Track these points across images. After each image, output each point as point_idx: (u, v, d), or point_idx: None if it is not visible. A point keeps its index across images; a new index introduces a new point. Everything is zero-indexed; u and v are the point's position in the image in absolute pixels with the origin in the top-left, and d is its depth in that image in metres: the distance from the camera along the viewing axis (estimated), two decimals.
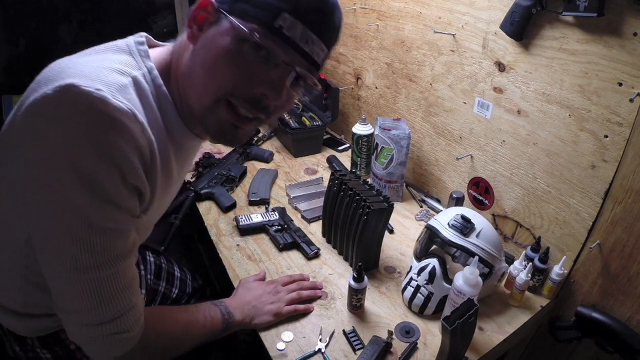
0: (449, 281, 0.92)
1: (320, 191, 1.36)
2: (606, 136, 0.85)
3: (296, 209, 1.31)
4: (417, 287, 0.94)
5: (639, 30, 0.75)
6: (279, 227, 1.19)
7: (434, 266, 0.94)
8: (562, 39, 0.88)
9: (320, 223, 1.22)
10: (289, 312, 0.92)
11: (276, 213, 1.24)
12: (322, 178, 1.47)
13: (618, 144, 0.83)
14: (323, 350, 0.86)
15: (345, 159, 1.59)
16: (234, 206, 1.31)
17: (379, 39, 1.44)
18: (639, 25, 0.75)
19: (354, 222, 1.04)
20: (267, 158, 1.58)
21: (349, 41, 1.61)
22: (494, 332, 0.92)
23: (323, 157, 1.62)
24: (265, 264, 1.09)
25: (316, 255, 1.13)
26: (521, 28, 0.92)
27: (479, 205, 1.21)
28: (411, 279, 0.96)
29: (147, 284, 1.07)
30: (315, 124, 1.66)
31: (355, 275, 0.91)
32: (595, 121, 0.86)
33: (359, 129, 1.43)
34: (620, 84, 0.80)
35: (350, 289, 0.92)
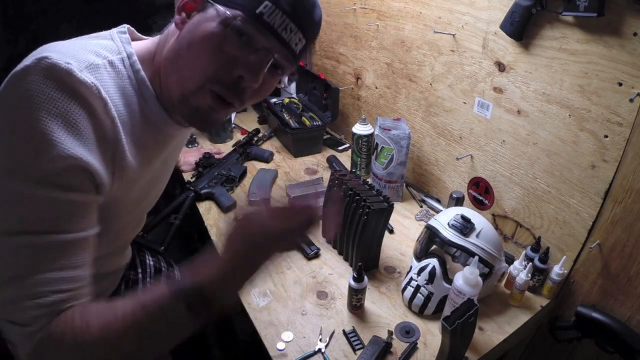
0: (449, 281, 0.92)
1: (320, 191, 1.36)
2: (606, 136, 0.85)
3: None
4: (417, 287, 0.94)
5: (639, 30, 0.75)
6: None
7: (434, 266, 0.94)
8: (562, 39, 0.88)
9: (320, 223, 1.22)
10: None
11: None
12: (322, 178, 1.47)
13: (618, 144, 0.83)
14: (323, 350, 0.86)
15: (345, 159, 1.60)
16: (234, 206, 1.31)
17: (379, 39, 1.44)
18: (639, 25, 0.75)
19: (354, 222, 1.04)
20: (267, 158, 1.58)
21: (349, 41, 1.61)
22: (494, 332, 0.92)
23: (323, 157, 1.62)
24: None
25: (316, 255, 1.13)
26: (521, 28, 0.92)
27: (479, 205, 1.22)
28: (411, 279, 0.96)
29: (145, 287, 1.07)
30: (315, 124, 1.66)
31: (355, 275, 0.91)
32: (595, 121, 0.86)
33: (359, 129, 1.43)
34: (620, 84, 0.80)
35: (350, 289, 0.92)
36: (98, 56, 0.60)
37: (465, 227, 0.93)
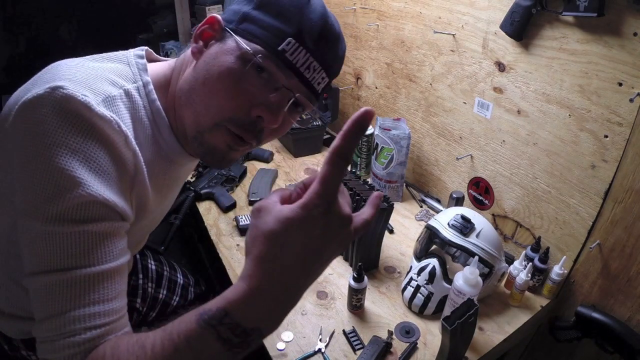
0: (449, 281, 0.92)
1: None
2: (606, 136, 0.85)
3: None
4: (417, 287, 0.94)
5: (639, 30, 0.75)
6: None
7: (434, 266, 0.94)
8: (562, 39, 0.88)
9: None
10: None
11: None
12: None
13: (618, 144, 0.83)
14: (323, 350, 0.86)
15: None
16: (234, 206, 1.31)
17: (379, 39, 1.44)
18: (639, 25, 0.75)
19: None
20: (267, 158, 1.58)
21: (349, 41, 1.61)
22: (494, 332, 0.92)
23: (323, 157, 1.62)
24: None
25: None
26: (521, 28, 0.92)
27: (479, 205, 1.21)
28: (411, 279, 0.96)
29: (145, 292, 1.06)
30: (315, 124, 1.66)
31: (355, 275, 0.91)
32: (595, 121, 0.86)
33: None
34: (620, 84, 0.80)
35: (350, 289, 0.92)
36: (114, 85, 0.58)
37: (465, 227, 0.93)
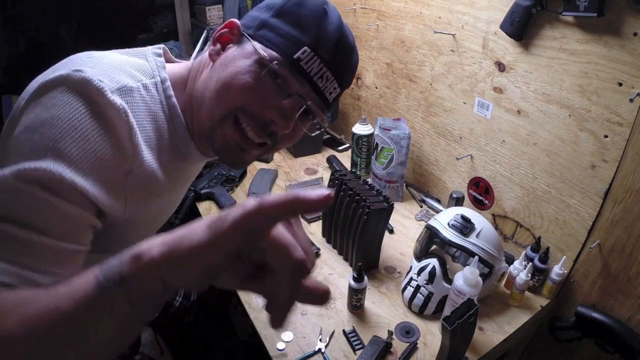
0: (449, 281, 0.91)
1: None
2: (606, 136, 0.85)
3: None
4: (417, 287, 0.94)
5: (639, 30, 0.75)
6: None
7: (434, 266, 0.94)
8: (562, 39, 0.88)
9: (320, 223, 1.22)
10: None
11: None
12: (322, 178, 1.47)
13: (618, 144, 0.83)
14: (323, 350, 0.86)
15: (345, 159, 1.59)
16: (233, 206, 1.31)
17: (379, 39, 1.44)
18: (639, 25, 0.75)
19: (354, 222, 1.04)
20: (267, 158, 1.58)
21: None
22: (494, 332, 0.92)
23: (323, 157, 1.62)
24: None
25: (316, 255, 1.13)
26: (521, 28, 0.92)
27: (479, 205, 1.21)
28: (411, 279, 0.96)
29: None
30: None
31: (355, 275, 0.91)
32: (595, 121, 0.86)
33: (359, 129, 1.43)
34: (620, 84, 0.80)
35: (350, 289, 0.92)
36: (133, 78, 0.59)
37: (465, 227, 0.93)
